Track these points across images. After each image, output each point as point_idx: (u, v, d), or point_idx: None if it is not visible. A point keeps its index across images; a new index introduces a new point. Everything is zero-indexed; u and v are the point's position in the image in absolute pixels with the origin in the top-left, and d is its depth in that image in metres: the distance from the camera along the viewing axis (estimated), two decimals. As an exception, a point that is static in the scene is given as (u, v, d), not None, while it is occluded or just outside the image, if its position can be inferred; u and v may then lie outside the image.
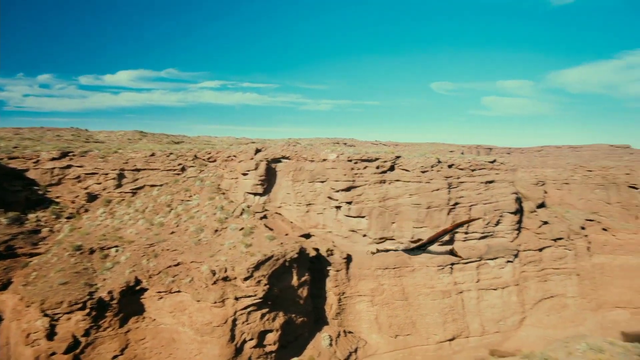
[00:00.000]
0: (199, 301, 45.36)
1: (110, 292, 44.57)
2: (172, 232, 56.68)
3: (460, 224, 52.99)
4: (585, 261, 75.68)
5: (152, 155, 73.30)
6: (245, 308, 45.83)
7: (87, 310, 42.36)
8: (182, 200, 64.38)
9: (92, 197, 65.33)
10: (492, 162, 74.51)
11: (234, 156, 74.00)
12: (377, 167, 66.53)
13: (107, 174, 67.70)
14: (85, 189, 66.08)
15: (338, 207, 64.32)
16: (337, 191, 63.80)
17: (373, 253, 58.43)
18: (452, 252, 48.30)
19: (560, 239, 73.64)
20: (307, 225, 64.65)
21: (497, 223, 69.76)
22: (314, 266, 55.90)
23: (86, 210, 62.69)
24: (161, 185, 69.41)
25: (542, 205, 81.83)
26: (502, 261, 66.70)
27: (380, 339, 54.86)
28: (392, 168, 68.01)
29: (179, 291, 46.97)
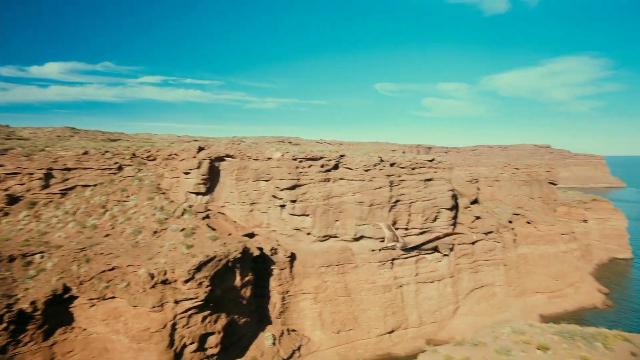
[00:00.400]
0: (135, 307, 43.47)
1: (33, 303, 41.30)
2: (107, 235, 53.68)
3: (450, 234, 56.27)
4: (511, 252, 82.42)
5: (85, 153, 68.64)
6: (185, 311, 44.66)
7: (5, 325, 38.86)
8: (119, 201, 61.08)
9: (13, 200, 59.83)
10: (431, 161, 78.53)
11: (176, 154, 71.45)
12: (322, 166, 67.59)
13: (32, 174, 62.32)
14: (5, 190, 60.36)
15: (282, 206, 64.54)
16: (282, 190, 63.96)
17: (373, 251, 60.60)
18: (436, 249, 51.83)
19: (490, 232, 79.50)
20: (251, 224, 64.23)
21: (435, 219, 73.79)
22: (258, 266, 55.75)
23: (6, 214, 57.34)
24: (95, 185, 65.22)
25: (475, 202, 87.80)
26: (438, 255, 70.74)
27: (323, 335, 56.05)
28: (336, 167, 69.44)
29: (113, 297, 44.69)
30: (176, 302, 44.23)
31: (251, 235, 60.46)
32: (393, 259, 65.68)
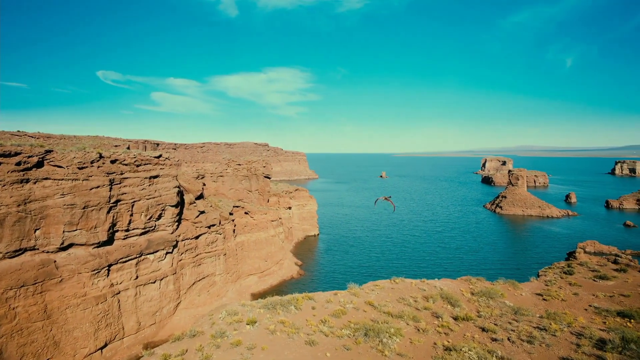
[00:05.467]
0: None
1: None
2: None
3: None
4: (231, 242, 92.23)
5: None
6: None
7: None
8: None
9: None
10: (157, 157, 76.93)
11: None
12: (18, 164, 54.82)
13: None
14: None
15: (-56, 216, 48.01)
16: (-56, 194, 47.51)
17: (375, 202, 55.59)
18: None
19: (213, 225, 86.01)
20: None
21: (159, 217, 73.27)
22: None
23: None
24: None
25: (200, 197, 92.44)
26: (162, 253, 70.89)
27: (5, 377, 45.88)
28: (40, 164, 57.88)
29: None
30: None
31: None
32: (110, 265, 61.11)
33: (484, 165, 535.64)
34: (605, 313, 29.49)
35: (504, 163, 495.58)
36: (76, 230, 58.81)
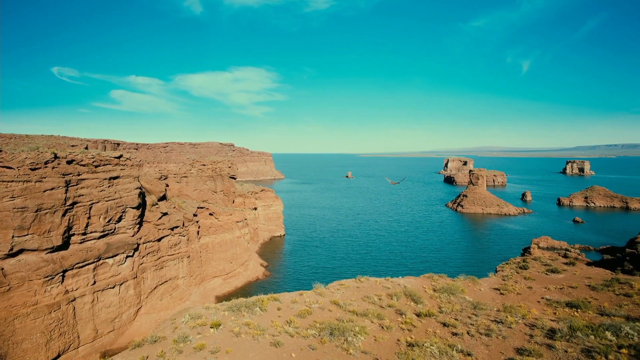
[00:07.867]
0: None
1: None
2: None
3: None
4: (195, 244, 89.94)
5: None
6: None
7: None
8: None
9: None
10: (118, 157, 73.96)
11: None
12: (-43, 163, 50.55)
13: None
14: None
15: None
16: None
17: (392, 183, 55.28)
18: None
19: (176, 227, 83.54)
20: None
21: (120, 219, 70.35)
22: None
23: None
24: None
25: (163, 198, 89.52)
26: (121, 257, 68.05)
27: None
28: (-16, 164, 53.77)
29: None
30: None
31: None
32: (65, 270, 57.91)
33: (446, 165, 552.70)
34: (555, 304, 31.36)
35: (465, 163, 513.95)
36: (27, 235, 55.32)
